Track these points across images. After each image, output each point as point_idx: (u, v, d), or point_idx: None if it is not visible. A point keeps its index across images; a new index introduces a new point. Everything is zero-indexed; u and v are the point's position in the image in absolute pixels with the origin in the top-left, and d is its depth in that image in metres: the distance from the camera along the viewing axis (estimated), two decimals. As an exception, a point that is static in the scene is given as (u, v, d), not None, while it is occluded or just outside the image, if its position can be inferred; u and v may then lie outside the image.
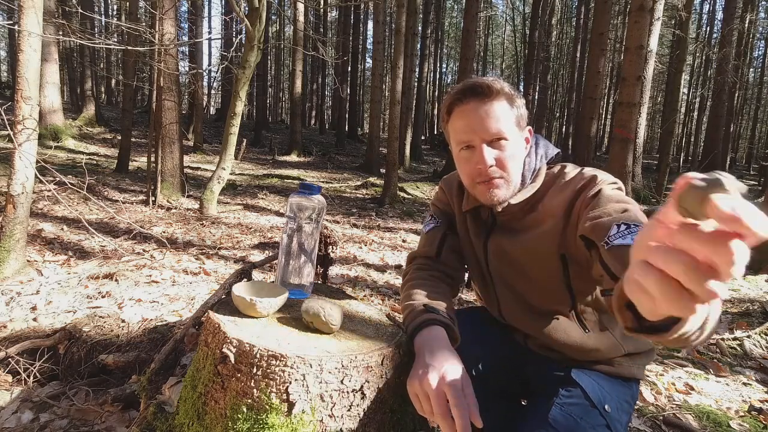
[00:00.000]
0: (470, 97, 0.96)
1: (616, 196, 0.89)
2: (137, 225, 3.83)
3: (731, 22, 12.61)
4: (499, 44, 32.25)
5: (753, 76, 24.78)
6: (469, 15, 9.02)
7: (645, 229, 0.42)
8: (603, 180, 0.93)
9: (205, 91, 19.21)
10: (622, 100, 6.55)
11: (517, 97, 0.99)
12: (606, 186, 0.91)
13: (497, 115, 0.95)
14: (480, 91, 0.96)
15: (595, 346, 1.00)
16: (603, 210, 0.86)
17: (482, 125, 0.95)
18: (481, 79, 0.97)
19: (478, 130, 0.96)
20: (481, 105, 0.96)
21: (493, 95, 0.95)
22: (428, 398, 0.79)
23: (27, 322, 2.26)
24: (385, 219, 6.25)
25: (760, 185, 14.43)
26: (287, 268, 1.09)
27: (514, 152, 0.98)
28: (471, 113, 0.96)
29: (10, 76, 23.43)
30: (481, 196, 1.01)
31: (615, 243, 0.82)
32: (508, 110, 0.97)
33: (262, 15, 4.87)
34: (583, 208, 0.91)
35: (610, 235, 0.84)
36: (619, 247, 0.82)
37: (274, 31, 22.96)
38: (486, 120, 0.95)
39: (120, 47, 4.09)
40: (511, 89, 0.98)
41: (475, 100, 0.96)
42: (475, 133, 0.96)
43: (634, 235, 0.80)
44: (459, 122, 0.98)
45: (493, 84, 0.96)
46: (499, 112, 0.96)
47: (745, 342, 2.60)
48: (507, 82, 0.99)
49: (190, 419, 0.91)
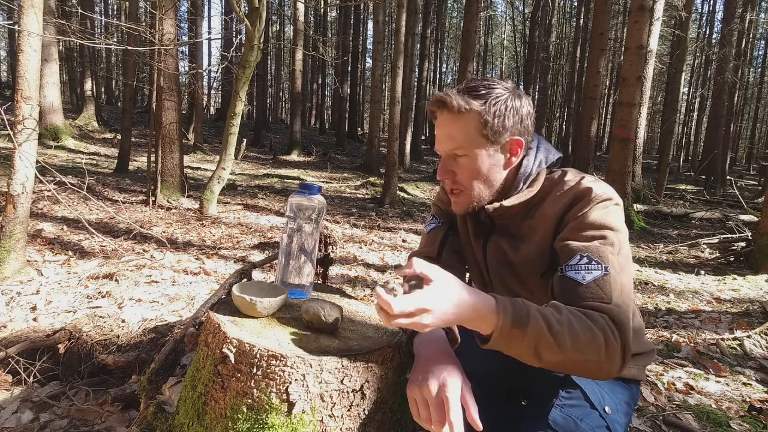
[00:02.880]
0: (439, 109, 0.98)
1: (599, 220, 0.89)
2: (137, 225, 3.83)
3: (731, 22, 12.60)
4: (499, 44, 32.24)
5: (753, 76, 24.77)
6: (469, 15, 9.01)
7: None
8: (596, 196, 0.92)
9: (205, 91, 19.20)
10: (622, 100, 6.55)
11: (490, 108, 0.94)
12: (596, 206, 0.91)
13: (455, 132, 0.96)
14: (442, 104, 0.96)
15: None
16: (580, 234, 0.89)
17: (441, 139, 0.98)
18: (448, 92, 0.95)
19: (440, 142, 0.99)
20: (444, 119, 0.97)
21: (454, 110, 0.94)
22: (427, 406, 0.79)
23: (27, 322, 2.26)
24: (385, 219, 6.25)
25: (760, 185, 14.43)
26: (287, 268, 1.09)
27: (474, 167, 0.97)
28: (439, 125, 0.99)
29: (10, 76, 23.42)
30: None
31: (567, 274, 0.86)
32: (474, 126, 0.94)
33: (262, 15, 4.87)
34: (569, 222, 0.93)
35: (569, 263, 0.87)
36: (567, 279, 0.86)
37: (274, 31, 22.95)
38: (444, 135, 0.98)
39: (120, 47, 4.09)
40: (484, 104, 0.94)
41: (442, 113, 0.97)
42: (440, 144, 0.99)
43: (588, 273, 0.84)
44: (436, 130, 1.02)
45: (454, 100, 0.94)
46: (459, 128, 0.95)
47: (745, 342, 2.60)
48: (490, 91, 0.95)
49: (190, 419, 0.91)
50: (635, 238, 5.87)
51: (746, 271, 4.26)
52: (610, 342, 0.79)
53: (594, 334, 0.78)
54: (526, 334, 0.75)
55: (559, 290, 0.88)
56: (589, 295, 0.83)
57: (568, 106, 21.35)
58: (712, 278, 4.08)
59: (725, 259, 4.72)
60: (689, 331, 2.82)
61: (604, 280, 0.84)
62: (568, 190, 0.96)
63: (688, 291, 3.67)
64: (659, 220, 7.32)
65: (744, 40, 15.85)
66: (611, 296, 0.83)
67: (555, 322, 0.77)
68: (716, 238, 5.25)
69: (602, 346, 0.78)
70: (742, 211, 7.47)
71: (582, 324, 0.78)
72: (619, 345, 0.79)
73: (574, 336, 0.77)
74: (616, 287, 0.84)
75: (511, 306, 0.77)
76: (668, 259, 4.85)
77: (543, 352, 0.77)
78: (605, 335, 0.79)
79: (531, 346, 0.76)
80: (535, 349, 0.76)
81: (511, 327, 0.76)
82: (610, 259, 0.85)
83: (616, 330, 0.80)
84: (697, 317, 3.06)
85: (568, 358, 0.77)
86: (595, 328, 0.78)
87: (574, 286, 0.85)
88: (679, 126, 21.32)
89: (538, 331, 0.75)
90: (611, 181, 6.30)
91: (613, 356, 0.79)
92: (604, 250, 0.86)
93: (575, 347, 0.77)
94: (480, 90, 0.95)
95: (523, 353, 0.77)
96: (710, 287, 3.78)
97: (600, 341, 0.78)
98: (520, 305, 0.78)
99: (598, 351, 0.78)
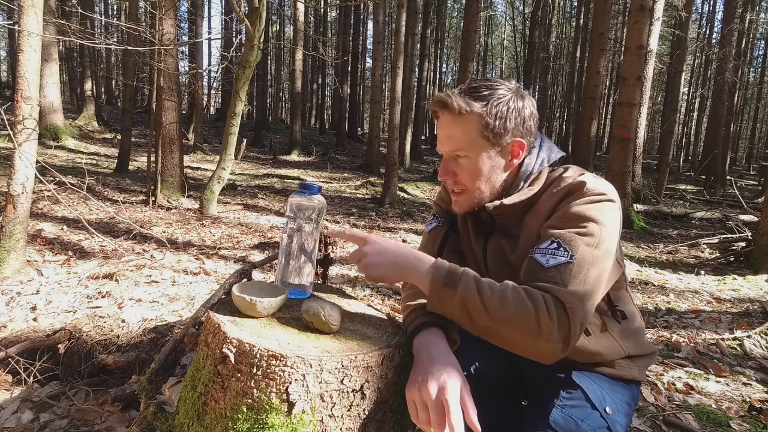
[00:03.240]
0: (440, 109, 0.98)
1: (584, 212, 0.89)
2: (137, 225, 3.83)
3: (731, 22, 12.60)
4: (499, 44, 32.24)
5: (753, 76, 24.77)
6: (469, 15, 9.02)
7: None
8: (589, 190, 0.91)
9: (205, 91, 19.21)
10: (622, 100, 6.55)
11: (492, 109, 0.94)
12: (586, 198, 0.91)
13: (456, 133, 0.96)
14: (444, 105, 0.96)
15: (597, 350, 0.99)
16: (561, 221, 0.91)
17: (442, 140, 0.99)
18: (449, 93, 0.96)
19: (442, 143, 0.99)
20: (446, 120, 0.97)
21: (455, 111, 0.94)
22: (426, 408, 0.79)
23: (27, 322, 2.26)
24: (385, 219, 6.25)
25: (760, 185, 14.43)
26: (287, 268, 1.09)
27: (475, 168, 0.98)
28: (440, 125, 0.99)
29: (10, 76, 23.42)
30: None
31: (534, 255, 0.89)
32: (475, 128, 0.94)
33: (262, 15, 4.87)
34: (557, 212, 0.94)
35: (540, 246, 0.89)
36: (532, 261, 0.89)
37: (274, 31, 22.96)
38: (445, 136, 0.98)
39: (120, 47, 4.10)
40: (485, 105, 0.94)
41: (444, 113, 0.97)
42: (441, 145, 1.00)
43: (552, 258, 0.86)
44: (437, 130, 1.02)
45: (455, 101, 0.94)
46: (460, 130, 0.95)
47: (745, 342, 2.60)
48: (501, 87, 0.96)
49: (190, 419, 0.91)
50: (635, 238, 5.87)
51: (746, 271, 4.26)
52: (542, 318, 0.80)
53: (525, 307, 0.81)
54: (456, 293, 0.82)
55: (524, 271, 0.90)
56: (546, 278, 0.85)
57: (568, 106, 21.37)
58: (712, 278, 4.08)
59: (725, 259, 4.72)
60: (689, 331, 2.82)
61: (566, 267, 0.85)
62: (563, 186, 0.96)
63: (688, 291, 3.67)
64: (659, 220, 7.32)
65: (744, 40, 15.86)
66: (567, 283, 0.83)
67: (487, 288, 0.83)
68: (716, 238, 5.26)
69: (532, 320, 0.80)
70: (742, 211, 7.47)
71: (516, 296, 0.82)
72: (556, 325, 0.80)
73: (503, 303, 0.81)
74: (578, 276, 0.84)
75: (447, 267, 0.85)
76: (668, 259, 4.85)
77: (472, 312, 0.82)
78: (538, 311, 0.80)
79: (461, 306, 0.82)
80: (465, 308, 0.82)
81: (443, 285, 0.83)
82: (580, 248, 0.85)
83: (555, 310, 0.81)
84: (697, 317, 3.06)
85: (496, 325, 0.82)
86: (528, 302, 0.81)
87: (536, 268, 0.87)
88: (679, 126, 21.32)
89: (466, 292, 0.82)
90: (611, 180, 6.25)
91: (549, 335, 0.80)
92: (577, 240, 0.86)
93: (502, 313, 0.81)
94: (482, 91, 0.95)
95: (455, 314, 0.84)
96: (710, 287, 3.78)
97: (531, 315, 0.80)
98: (456, 269, 0.86)
99: (527, 324, 0.80)
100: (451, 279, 0.84)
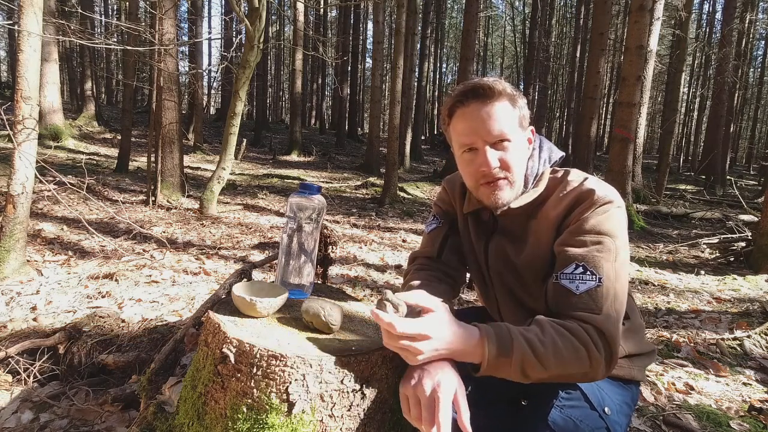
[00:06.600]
0: (472, 99, 0.96)
1: (598, 226, 0.90)
2: (137, 225, 3.83)
3: (731, 22, 12.60)
4: (499, 44, 32.23)
5: (753, 76, 24.76)
6: (469, 15, 9.02)
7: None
8: (599, 199, 0.93)
9: (205, 91, 19.20)
10: (622, 100, 6.55)
11: (518, 98, 0.98)
12: (597, 210, 0.92)
13: (499, 116, 0.95)
14: (481, 92, 0.95)
15: None
16: (577, 239, 0.91)
17: (484, 127, 0.95)
18: (483, 80, 0.97)
19: (481, 132, 0.96)
20: (482, 107, 0.95)
21: (494, 96, 0.95)
22: (418, 404, 0.79)
23: (27, 322, 2.26)
24: (385, 219, 6.25)
25: (760, 185, 14.43)
26: (287, 268, 1.09)
27: (517, 153, 0.98)
28: (473, 115, 0.96)
29: (10, 76, 23.41)
30: (485, 198, 1.00)
31: (561, 282, 0.89)
32: (510, 111, 0.97)
33: (262, 15, 4.87)
34: (569, 225, 0.94)
35: (564, 271, 0.89)
36: (561, 288, 0.89)
37: (274, 31, 22.95)
38: (488, 122, 0.95)
39: (120, 47, 4.10)
40: (513, 90, 0.97)
41: (477, 102, 0.95)
42: (478, 135, 0.96)
43: (582, 284, 0.86)
44: (461, 125, 0.98)
45: (495, 85, 0.95)
46: (501, 113, 0.95)
47: (745, 342, 2.60)
48: (508, 83, 0.99)
49: (190, 419, 0.91)
50: (635, 238, 5.87)
51: (746, 271, 4.26)
52: (593, 354, 0.83)
53: (577, 351, 0.82)
54: (512, 360, 0.80)
55: (553, 297, 0.90)
56: (581, 305, 0.86)
57: (568, 106, 21.36)
58: (712, 278, 4.08)
59: (725, 259, 4.72)
60: (689, 331, 2.82)
61: (596, 291, 0.86)
62: (570, 191, 0.96)
63: (688, 291, 3.67)
64: (659, 220, 7.32)
65: (744, 40, 15.84)
66: (602, 307, 0.86)
67: (539, 343, 0.81)
68: (716, 238, 5.25)
69: (585, 358, 0.82)
70: (742, 211, 7.47)
71: (566, 341, 0.82)
72: (603, 356, 0.84)
73: (557, 354, 0.81)
74: (608, 297, 0.86)
75: (495, 336, 0.81)
76: (668, 259, 4.85)
77: (529, 372, 0.81)
78: (588, 349, 0.82)
79: (518, 369, 0.81)
80: (522, 371, 0.81)
81: (497, 356, 0.80)
82: (605, 268, 0.87)
83: (600, 342, 0.84)
84: (697, 317, 3.06)
85: (554, 373, 0.82)
86: (578, 344, 0.82)
87: (567, 295, 0.88)
88: (679, 126, 21.31)
89: (522, 356, 0.80)
90: (611, 181, 6.29)
91: (597, 366, 0.84)
92: (600, 258, 0.88)
93: (559, 364, 0.81)
94: (496, 83, 0.97)
95: (512, 375, 0.82)
96: (710, 287, 3.78)
97: (583, 355, 0.82)
98: (504, 333, 0.82)
99: (581, 364, 0.83)
100: (504, 348, 0.80)
